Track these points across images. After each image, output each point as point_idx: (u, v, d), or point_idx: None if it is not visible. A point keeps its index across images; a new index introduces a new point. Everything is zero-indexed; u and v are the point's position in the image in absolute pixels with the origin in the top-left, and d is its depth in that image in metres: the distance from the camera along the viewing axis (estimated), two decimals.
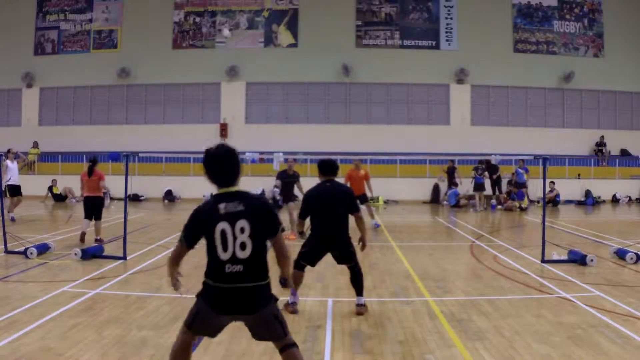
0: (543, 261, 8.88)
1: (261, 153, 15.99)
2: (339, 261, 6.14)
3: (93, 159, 11.39)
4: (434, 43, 25.93)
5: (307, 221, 6.14)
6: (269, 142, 22.81)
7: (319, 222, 5.99)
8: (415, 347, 4.90)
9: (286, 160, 13.32)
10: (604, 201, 23.66)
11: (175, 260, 3.67)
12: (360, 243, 6.09)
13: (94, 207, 11.17)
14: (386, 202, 22.60)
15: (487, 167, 21.21)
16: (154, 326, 5.42)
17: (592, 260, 8.70)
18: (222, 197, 3.40)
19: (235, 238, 3.30)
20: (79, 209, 19.79)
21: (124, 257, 8.91)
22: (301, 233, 6.36)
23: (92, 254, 8.98)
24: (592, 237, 12.38)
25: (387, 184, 22.49)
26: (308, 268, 6.20)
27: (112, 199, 23.37)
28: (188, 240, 3.48)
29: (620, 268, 8.61)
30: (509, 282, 7.63)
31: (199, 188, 23.76)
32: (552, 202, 21.54)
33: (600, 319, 5.73)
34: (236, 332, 5.28)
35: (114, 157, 12.44)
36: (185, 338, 3.57)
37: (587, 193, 23.51)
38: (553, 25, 26.31)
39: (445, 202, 22.28)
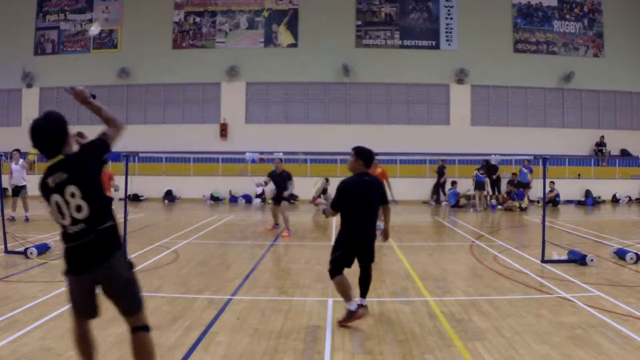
0: (543, 261, 8.88)
1: (261, 153, 16.02)
2: (362, 260, 5.72)
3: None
4: (434, 43, 25.93)
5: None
6: (269, 142, 22.80)
7: (354, 219, 5.53)
8: (415, 347, 4.90)
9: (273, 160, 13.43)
10: (604, 201, 23.66)
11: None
12: (383, 235, 5.90)
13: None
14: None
15: (487, 167, 21.21)
16: (154, 326, 5.37)
17: (592, 260, 8.70)
18: (50, 169, 3.48)
19: (68, 204, 3.39)
20: None
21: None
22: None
23: None
24: (592, 237, 12.38)
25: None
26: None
27: (112, 198, 23.40)
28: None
29: (620, 268, 8.61)
30: (509, 282, 7.64)
31: (199, 188, 23.81)
32: (552, 202, 21.54)
33: (600, 319, 5.73)
34: (236, 332, 5.29)
35: (114, 157, 12.45)
36: (75, 323, 3.67)
37: (587, 193, 23.51)
38: (553, 25, 26.31)
39: (439, 202, 22.35)
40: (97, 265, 3.42)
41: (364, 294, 5.78)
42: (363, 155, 5.67)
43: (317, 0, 25.85)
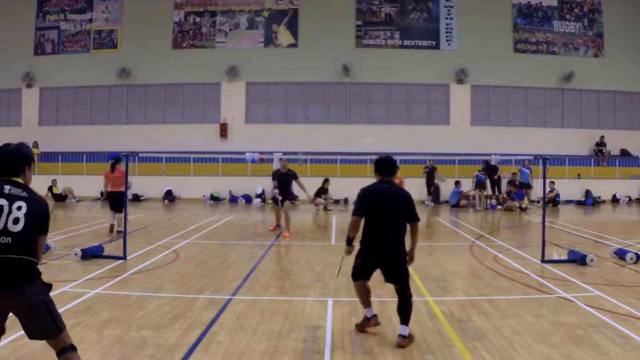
0: (543, 261, 8.88)
1: (261, 153, 16.02)
2: (388, 278, 5.35)
3: (116, 158, 12.42)
4: (434, 43, 25.93)
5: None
6: (269, 142, 22.80)
7: (372, 227, 5.20)
8: (415, 347, 4.90)
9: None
10: (604, 201, 23.65)
11: None
12: (408, 257, 5.37)
13: (116, 201, 12.00)
14: None
15: (487, 167, 21.20)
16: (154, 326, 5.42)
17: (592, 260, 8.70)
18: (8, 181, 3.53)
19: (10, 213, 3.40)
20: (80, 209, 19.82)
21: (124, 257, 8.91)
22: (350, 242, 5.39)
23: (92, 254, 8.98)
24: (592, 237, 12.38)
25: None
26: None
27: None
28: None
29: (620, 268, 8.61)
30: (509, 282, 7.64)
31: (199, 188, 23.81)
32: (552, 202, 21.54)
33: (600, 319, 5.73)
34: (236, 332, 5.28)
35: (114, 156, 12.52)
36: None
37: (587, 193, 23.51)
38: (553, 25, 26.31)
39: (438, 202, 22.43)
40: (8, 288, 3.44)
41: (403, 321, 5.13)
42: (376, 164, 5.43)
43: (317, 0, 25.86)
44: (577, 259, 8.80)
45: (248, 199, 23.29)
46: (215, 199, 23.50)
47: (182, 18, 26.41)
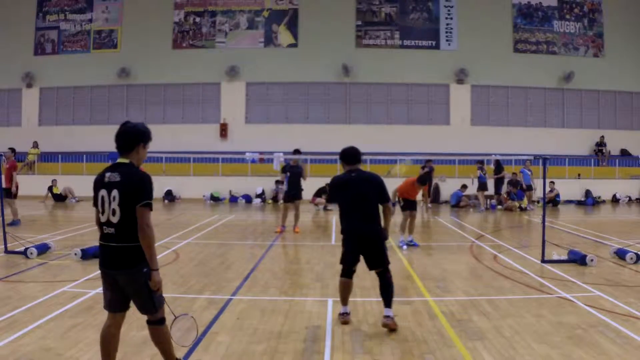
0: (543, 261, 8.88)
1: (261, 153, 16.02)
2: (370, 265, 5.62)
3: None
4: (434, 43, 25.93)
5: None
6: (269, 142, 22.79)
7: (345, 215, 5.66)
8: (415, 347, 4.90)
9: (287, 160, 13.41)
10: (604, 201, 23.65)
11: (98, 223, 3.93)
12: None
13: None
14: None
15: (497, 167, 21.16)
16: None
17: (592, 260, 8.70)
18: (111, 166, 3.88)
19: (110, 203, 3.73)
20: (80, 209, 19.82)
21: None
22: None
23: (92, 254, 8.97)
24: (592, 237, 12.38)
25: (387, 184, 22.33)
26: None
27: None
28: (94, 202, 3.88)
29: (620, 268, 8.61)
30: (509, 282, 7.64)
31: (199, 188, 23.81)
32: (552, 202, 21.53)
33: (600, 319, 5.73)
34: (236, 332, 5.29)
35: (114, 157, 12.51)
36: (106, 321, 4.03)
37: (587, 193, 23.51)
38: (553, 25, 26.31)
39: (438, 202, 22.41)
40: (115, 270, 3.80)
41: (387, 304, 5.43)
42: (341, 156, 5.83)
43: (317, 0, 25.86)
44: (577, 259, 8.80)
45: (248, 199, 23.28)
46: (215, 199, 23.50)
47: (182, 18, 26.41)
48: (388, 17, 26.17)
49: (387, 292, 5.46)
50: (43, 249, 9.34)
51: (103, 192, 3.76)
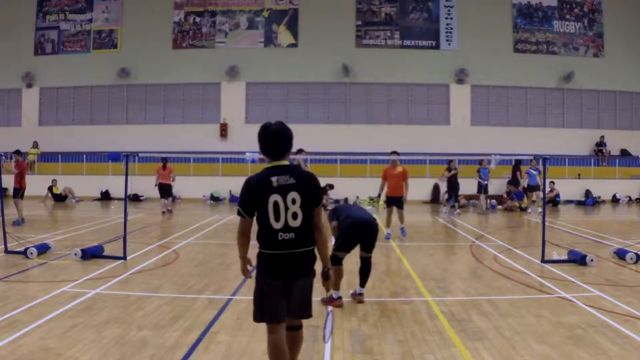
0: (543, 261, 8.88)
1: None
2: (367, 250, 6.48)
3: (165, 158, 17.94)
4: (434, 43, 25.93)
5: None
6: None
7: (349, 208, 6.82)
8: (415, 347, 4.90)
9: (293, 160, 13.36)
10: (604, 201, 23.65)
11: (245, 235, 3.73)
12: None
13: (166, 190, 17.52)
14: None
15: (516, 166, 21.07)
16: (154, 326, 5.42)
17: (592, 260, 8.70)
18: (274, 170, 3.66)
19: (287, 208, 3.56)
20: (80, 209, 19.83)
21: (124, 257, 8.91)
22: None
23: (92, 254, 8.98)
24: (592, 237, 12.38)
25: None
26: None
27: (112, 198, 23.43)
28: (248, 211, 3.66)
29: (620, 268, 8.61)
30: (509, 282, 7.63)
31: (199, 188, 23.81)
32: (552, 202, 21.52)
33: (600, 319, 5.73)
34: (236, 331, 5.29)
35: (114, 157, 12.55)
36: (271, 337, 3.69)
37: (587, 193, 23.51)
38: (553, 25, 26.31)
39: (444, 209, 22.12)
40: (296, 279, 3.68)
41: (362, 283, 6.45)
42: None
43: (317, 0, 25.85)
44: (577, 259, 8.80)
45: None
46: (215, 199, 23.50)
47: (182, 18, 26.41)
48: (388, 17, 26.17)
49: (366, 274, 6.41)
50: (43, 249, 9.34)
51: (276, 197, 3.55)
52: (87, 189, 23.60)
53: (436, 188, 23.56)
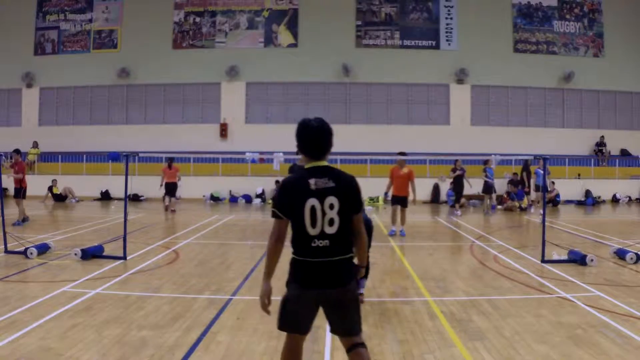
0: (543, 261, 8.88)
1: (261, 153, 16.00)
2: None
3: (171, 159, 18.47)
4: (434, 43, 25.93)
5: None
6: (269, 142, 22.74)
7: None
8: (415, 347, 4.90)
9: (287, 160, 13.41)
10: (604, 201, 23.65)
11: (281, 240, 3.48)
12: None
13: (171, 189, 17.96)
14: (386, 202, 22.58)
15: (525, 165, 20.94)
16: (154, 326, 5.42)
17: (592, 260, 8.70)
18: (312, 171, 3.39)
19: (324, 214, 3.30)
20: (80, 209, 19.82)
21: (124, 257, 8.91)
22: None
23: (92, 254, 8.98)
24: (592, 237, 12.38)
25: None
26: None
27: (112, 199, 23.43)
28: (285, 212, 3.39)
29: (620, 268, 8.61)
30: (509, 282, 7.63)
31: (198, 188, 23.80)
32: (552, 202, 21.52)
33: (600, 319, 5.73)
34: (236, 331, 5.29)
35: (114, 157, 12.57)
36: (288, 342, 3.57)
37: (587, 193, 23.51)
38: (553, 25, 26.31)
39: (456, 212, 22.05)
40: (331, 288, 3.39)
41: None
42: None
43: (317, 0, 25.85)
44: (577, 259, 8.80)
45: (248, 199, 23.29)
46: (215, 199, 23.50)
47: (182, 18, 26.41)
48: (388, 17, 26.16)
49: (365, 274, 5.96)
50: (43, 249, 9.34)
51: (313, 202, 3.28)
52: (87, 189, 23.60)
53: (436, 188, 23.56)
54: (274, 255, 3.52)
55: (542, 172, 18.84)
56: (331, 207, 3.30)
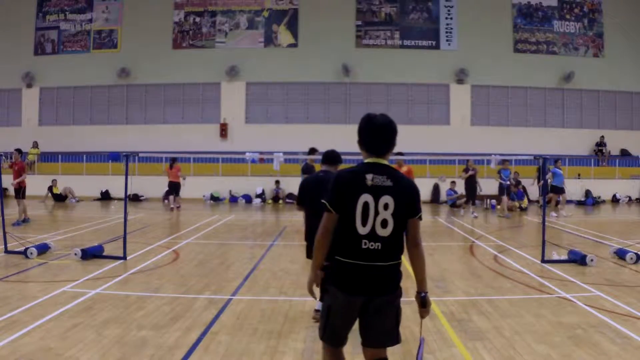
0: (543, 261, 8.88)
1: (261, 153, 16.01)
2: None
3: (174, 159, 19.13)
4: (434, 43, 25.92)
5: None
6: (269, 142, 22.80)
7: (308, 214, 5.84)
8: (415, 347, 4.88)
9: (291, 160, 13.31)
10: (603, 201, 23.65)
11: (329, 234, 3.17)
12: None
13: (174, 188, 18.77)
14: None
15: (543, 165, 20.65)
16: (154, 326, 5.42)
17: (592, 260, 8.69)
18: (371, 167, 3.18)
19: (377, 213, 3.09)
20: (80, 209, 19.82)
21: (124, 257, 8.91)
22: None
23: (92, 254, 8.98)
24: (592, 237, 12.38)
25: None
26: (309, 267, 6.16)
27: (112, 199, 23.44)
28: (335, 205, 3.15)
29: (620, 268, 8.61)
30: (509, 282, 7.63)
31: (198, 188, 23.80)
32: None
33: (600, 319, 5.73)
34: (236, 332, 5.28)
35: (114, 157, 12.61)
36: (329, 354, 3.45)
37: (587, 193, 23.51)
38: (553, 25, 26.31)
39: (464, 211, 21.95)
40: (377, 296, 3.20)
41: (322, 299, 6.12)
42: (322, 157, 6.45)
43: (317, 0, 25.85)
44: (577, 259, 8.80)
45: (248, 199, 23.29)
46: (215, 199, 23.50)
47: (182, 18, 26.41)
48: (388, 17, 26.16)
49: None
50: (43, 249, 9.34)
51: (367, 198, 3.07)
52: (87, 189, 23.60)
53: (436, 188, 23.55)
54: (321, 248, 3.22)
55: (560, 171, 18.21)
56: (385, 207, 3.09)
